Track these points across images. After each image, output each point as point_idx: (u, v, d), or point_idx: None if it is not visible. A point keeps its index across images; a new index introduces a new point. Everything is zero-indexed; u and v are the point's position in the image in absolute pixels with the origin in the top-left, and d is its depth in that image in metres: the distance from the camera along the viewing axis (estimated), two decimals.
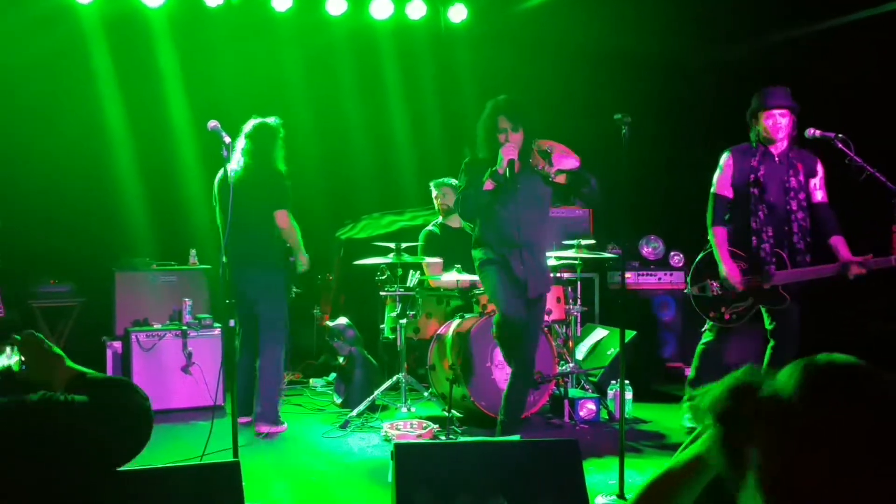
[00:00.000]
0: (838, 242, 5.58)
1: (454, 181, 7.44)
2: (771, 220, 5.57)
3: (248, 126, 6.20)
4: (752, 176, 5.59)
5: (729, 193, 5.72)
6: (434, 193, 7.45)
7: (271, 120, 6.27)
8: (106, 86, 7.95)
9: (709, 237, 5.74)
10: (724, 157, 5.76)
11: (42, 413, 1.98)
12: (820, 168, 5.60)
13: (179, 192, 8.09)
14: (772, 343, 5.67)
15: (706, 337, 5.94)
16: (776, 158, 5.60)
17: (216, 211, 6.24)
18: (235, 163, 6.03)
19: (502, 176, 5.21)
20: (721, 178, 5.74)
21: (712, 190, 5.79)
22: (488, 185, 5.27)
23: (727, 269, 5.61)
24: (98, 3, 7.54)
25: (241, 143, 6.11)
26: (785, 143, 5.57)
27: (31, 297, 7.69)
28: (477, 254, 5.51)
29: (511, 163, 5.21)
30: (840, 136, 5.17)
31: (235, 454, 4.43)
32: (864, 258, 5.44)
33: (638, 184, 4.76)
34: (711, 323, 5.83)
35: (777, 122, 5.50)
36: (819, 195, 5.60)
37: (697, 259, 5.88)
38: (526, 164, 5.32)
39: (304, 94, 8.72)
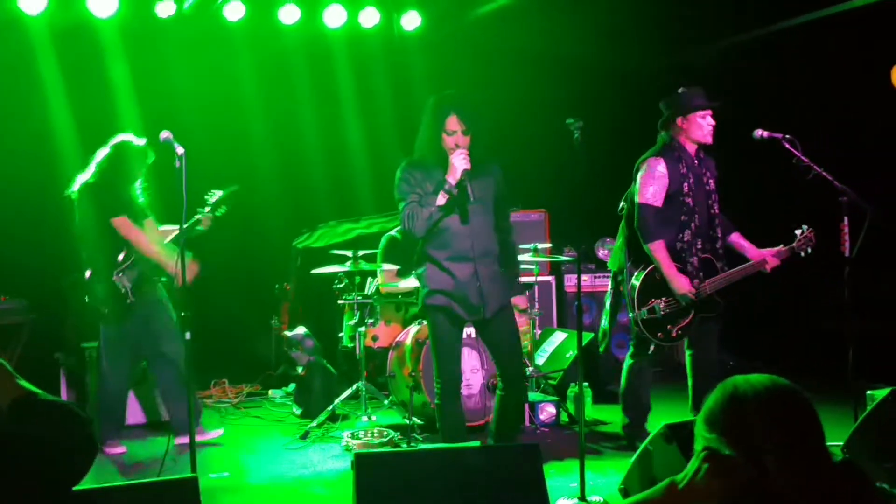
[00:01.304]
0: (739, 238, 5.63)
1: None
2: (701, 227, 5.46)
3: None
4: (686, 185, 5.41)
5: (660, 203, 5.42)
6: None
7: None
8: (55, 97, 7.83)
9: (647, 252, 5.40)
10: (658, 165, 5.42)
11: None
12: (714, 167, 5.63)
13: None
14: (690, 352, 5.64)
15: (634, 358, 5.68)
16: (694, 162, 5.49)
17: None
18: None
19: (454, 188, 4.63)
20: (656, 187, 5.39)
21: (640, 200, 5.42)
22: (440, 199, 4.66)
23: (678, 282, 5.33)
24: (47, 14, 7.42)
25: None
26: (696, 147, 5.52)
27: None
28: (422, 289, 4.90)
29: (465, 174, 4.61)
30: (787, 136, 5.25)
31: (193, 469, 4.40)
32: (777, 249, 5.50)
33: (593, 187, 4.79)
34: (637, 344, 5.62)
35: (711, 122, 5.45)
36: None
37: (637, 281, 5.43)
38: (475, 163, 4.67)
39: (258, 103, 8.67)
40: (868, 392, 5.27)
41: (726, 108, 5.57)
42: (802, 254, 5.53)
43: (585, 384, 5.23)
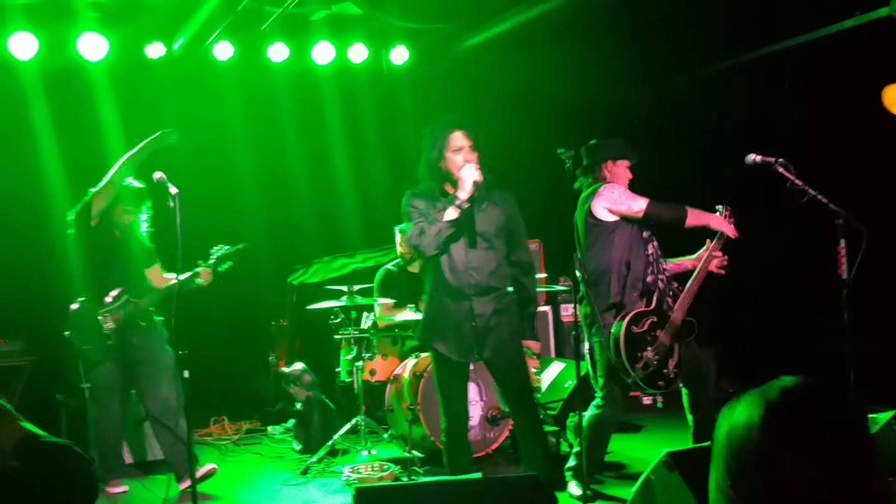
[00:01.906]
0: (671, 263, 5.53)
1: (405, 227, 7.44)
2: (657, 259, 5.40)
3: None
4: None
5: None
6: (398, 239, 7.42)
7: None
8: (46, 140, 7.85)
9: (679, 221, 5.28)
10: (614, 187, 5.32)
11: None
12: None
13: None
14: (686, 391, 5.42)
15: (602, 409, 5.32)
16: None
17: None
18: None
19: (465, 202, 4.42)
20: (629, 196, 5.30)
21: (636, 209, 5.23)
22: (451, 212, 4.42)
23: (717, 220, 5.31)
24: (38, 59, 7.46)
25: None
26: None
27: None
28: (421, 321, 4.84)
29: (477, 186, 4.42)
30: (780, 160, 5.25)
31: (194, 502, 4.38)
32: (707, 247, 5.41)
33: None
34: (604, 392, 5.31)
35: (630, 175, 5.45)
36: None
37: (619, 336, 5.10)
38: (481, 192, 4.54)
39: (248, 141, 8.72)
40: (870, 416, 5.27)
41: (712, 136, 5.59)
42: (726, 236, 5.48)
43: (585, 414, 5.19)
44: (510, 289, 4.75)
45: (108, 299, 5.72)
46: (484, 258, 4.58)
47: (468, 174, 4.41)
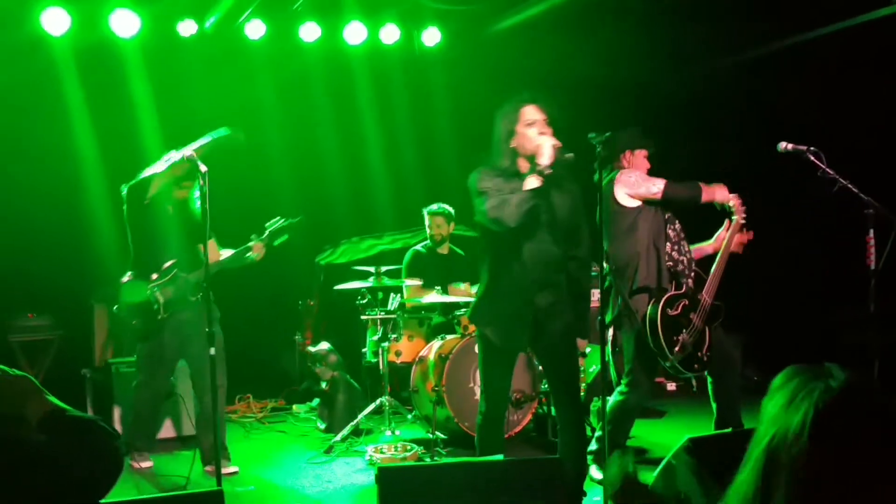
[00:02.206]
0: (693, 248, 5.51)
1: (449, 208, 7.44)
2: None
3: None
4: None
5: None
6: (427, 221, 7.42)
7: None
8: (79, 116, 7.92)
9: (694, 199, 5.32)
10: (631, 173, 5.37)
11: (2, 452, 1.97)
12: None
13: None
14: (711, 379, 5.43)
15: (627, 395, 5.30)
16: None
17: None
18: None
19: (548, 168, 4.20)
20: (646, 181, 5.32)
21: (654, 190, 5.26)
22: (533, 181, 4.23)
23: (720, 191, 5.35)
24: (70, 34, 7.51)
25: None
26: None
27: (8, 331, 7.65)
28: (474, 301, 4.68)
29: (559, 152, 4.22)
30: (812, 149, 5.20)
31: (219, 483, 4.42)
32: (724, 229, 5.43)
33: None
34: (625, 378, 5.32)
35: (648, 164, 5.46)
36: None
37: (656, 319, 5.10)
38: (550, 180, 4.33)
39: (280, 120, 8.73)
40: None
41: (745, 121, 5.54)
42: (743, 221, 5.43)
43: (609, 399, 5.18)
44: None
45: (156, 275, 5.63)
46: (549, 251, 4.44)
47: (546, 141, 4.24)
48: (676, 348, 5.10)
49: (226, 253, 5.78)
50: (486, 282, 4.57)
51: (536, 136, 4.29)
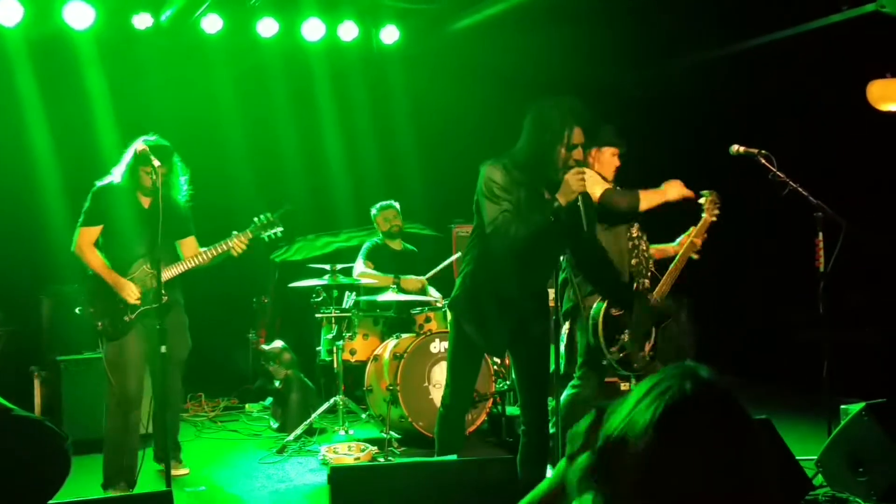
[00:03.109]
0: (651, 248, 5.49)
1: (397, 204, 7.42)
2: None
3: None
4: None
5: None
6: (379, 218, 7.35)
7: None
8: (32, 108, 7.79)
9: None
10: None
11: None
12: None
13: None
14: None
15: (579, 388, 5.27)
16: None
17: None
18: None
19: (562, 209, 4.14)
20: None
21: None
22: (545, 219, 4.18)
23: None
24: (23, 25, 7.38)
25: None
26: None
27: None
28: (456, 292, 4.54)
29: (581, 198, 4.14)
30: (763, 151, 5.26)
31: (168, 484, 4.37)
32: (689, 233, 5.41)
33: None
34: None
35: (618, 163, 5.41)
36: None
37: (597, 319, 5.12)
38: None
39: (237, 116, 8.66)
40: (842, 406, 5.31)
41: (699, 122, 5.57)
42: (714, 219, 5.42)
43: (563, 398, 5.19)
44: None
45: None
46: (547, 264, 4.44)
47: (575, 182, 4.13)
48: (614, 347, 5.12)
49: (206, 252, 5.52)
50: (470, 272, 4.47)
51: (574, 178, 4.14)
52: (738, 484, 1.37)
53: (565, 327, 5.35)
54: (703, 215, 5.44)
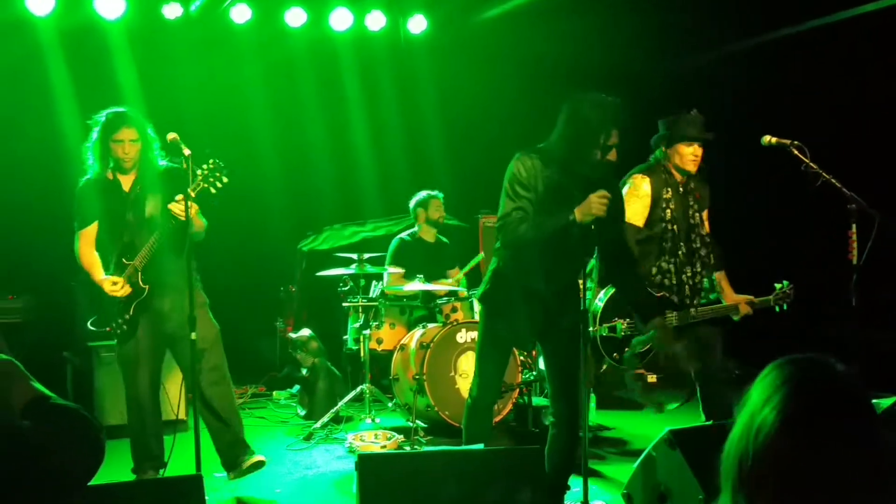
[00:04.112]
0: (721, 278, 5.39)
1: (441, 195, 7.40)
2: (677, 260, 5.22)
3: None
4: (669, 210, 5.18)
5: (641, 223, 5.12)
6: (427, 207, 7.30)
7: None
8: (63, 97, 7.85)
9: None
10: (643, 184, 5.15)
11: None
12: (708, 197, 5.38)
13: None
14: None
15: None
16: (679, 189, 5.24)
17: None
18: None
19: (575, 226, 4.07)
20: (637, 206, 5.09)
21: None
22: (558, 226, 4.12)
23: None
24: (55, 15, 7.46)
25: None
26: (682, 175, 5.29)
27: None
28: (485, 285, 4.51)
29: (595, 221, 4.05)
30: (795, 143, 5.20)
31: (198, 468, 4.40)
32: (751, 298, 5.32)
33: None
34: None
35: (698, 152, 5.20)
36: (706, 226, 5.33)
37: (605, 297, 5.13)
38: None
39: (264, 105, 8.70)
40: (873, 401, 5.26)
41: (730, 114, 5.50)
42: (777, 308, 5.41)
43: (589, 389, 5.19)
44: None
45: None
46: (575, 257, 4.28)
47: (596, 206, 4.03)
48: (608, 325, 5.10)
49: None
50: (499, 265, 4.45)
51: (597, 200, 4.02)
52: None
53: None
54: (770, 298, 5.34)
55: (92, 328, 5.20)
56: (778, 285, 5.40)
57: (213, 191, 4.85)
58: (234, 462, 5.10)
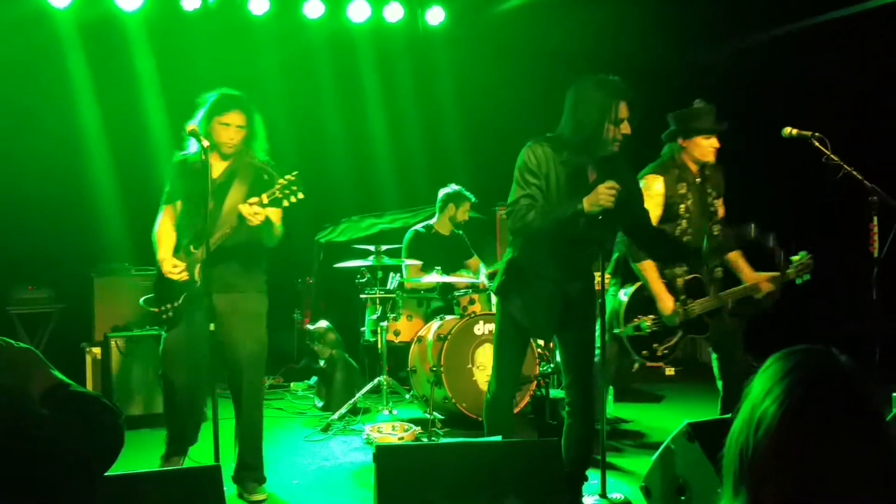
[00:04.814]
0: (738, 258, 5.33)
1: (473, 198, 7.39)
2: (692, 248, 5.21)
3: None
4: (683, 205, 5.15)
5: (654, 222, 5.04)
6: (455, 205, 7.30)
7: None
8: (82, 90, 7.90)
9: (635, 271, 5.08)
10: (656, 184, 5.11)
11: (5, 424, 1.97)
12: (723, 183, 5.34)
13: (157, 196, 8.05)
14: (715, 356, 5.35)
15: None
16: (696, 180, 5.21)
17: None
18: None
19: (584, 216, 4.06)
20: (651, 205, 4.96)
21: None
22: (566, 215, 4.10)
23: (665, 303, 5.01)
24: (74, 7, 7.48)
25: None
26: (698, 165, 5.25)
27: (8, 303, 7.65)
28: (500, 277, 4.48)
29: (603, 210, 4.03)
30: (817, 134, 5.15)
31: (216, 459, 4.41)
32: (772, 275, 5.24)
33: None
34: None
35: (716, 144, 5.17)
36: (721, 211, 5.30)
37: (625, 298, 5.09)
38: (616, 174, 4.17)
39: (282, 97, 8.69)
40: (894, 394, 5.22)
41: (748, 105, 5.45)
42: (799, 280, 5.37)
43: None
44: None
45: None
46: (590, 246, 4.36)
47: (605, 198, 4.00)
48: (631, 324, 5.02)
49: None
50: (515, 255, 4.44)
51: (605, 191, 3.99)
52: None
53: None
54: (789, 271, 5.25)
55: (142, 305, 5.08)
56: (795, 258, 5.29)
57: (286, 203, 4.80)
58: (240, 481, 4.91)
